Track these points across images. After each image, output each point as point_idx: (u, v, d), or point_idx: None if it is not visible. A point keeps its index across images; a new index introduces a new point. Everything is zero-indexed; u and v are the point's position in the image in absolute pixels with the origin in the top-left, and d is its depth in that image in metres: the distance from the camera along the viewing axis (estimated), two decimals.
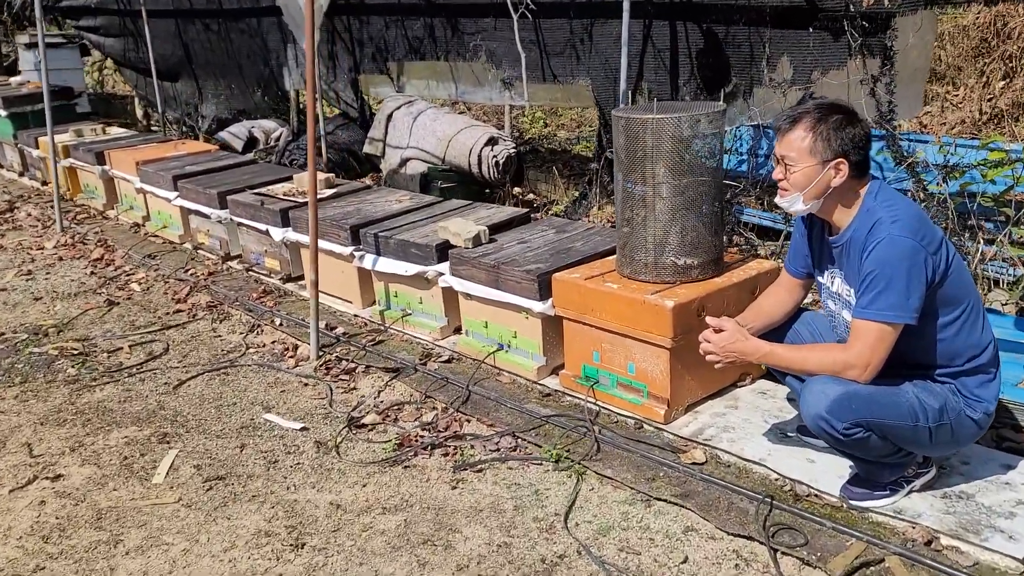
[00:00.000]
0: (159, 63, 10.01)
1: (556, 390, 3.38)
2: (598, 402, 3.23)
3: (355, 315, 4.31)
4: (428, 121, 6.62)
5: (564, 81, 6.10)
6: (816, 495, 2.54)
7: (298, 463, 2.96)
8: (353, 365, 3.72)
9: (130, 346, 4.04)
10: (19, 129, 7.63)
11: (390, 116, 6.83)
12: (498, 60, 6.44)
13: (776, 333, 2.76)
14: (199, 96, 9.77)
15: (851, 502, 2.46)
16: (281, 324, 4.24)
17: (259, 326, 4.26)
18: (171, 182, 5.39)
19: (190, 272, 5.05)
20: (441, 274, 3.76)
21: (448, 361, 3.71)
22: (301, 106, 8.77)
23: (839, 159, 2.34)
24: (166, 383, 3.65)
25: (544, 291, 3.33)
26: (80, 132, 6.93)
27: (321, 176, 4.95)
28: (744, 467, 2.76)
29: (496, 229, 3.97)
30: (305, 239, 4.44)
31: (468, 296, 3.65)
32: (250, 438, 3.16)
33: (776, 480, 2.67)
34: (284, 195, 4.81)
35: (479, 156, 6.33)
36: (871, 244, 2.28)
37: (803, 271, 2.70)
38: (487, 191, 6.61)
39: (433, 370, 3.62)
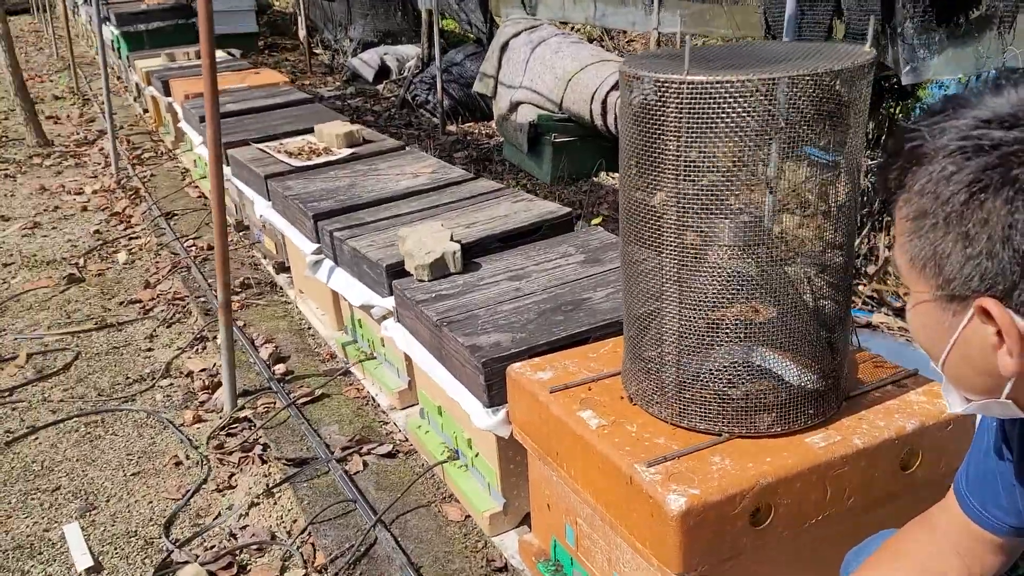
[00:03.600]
0: None
1: (513, 565, 1.89)
2: None
3: (323, 341, 3.01)
4: (548, 53, 5.05)
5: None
6: None
7: None
8: (256, 439, 2.44)
9: (29, 354, 3.04)
10: (132, 50, 7.01)
11: (505, 45, 5.34)
12: None
13: None
14: (348, 16, 8.78)
15: None
16: None
17: (205, 339, 3.09)
18: (198, 122, 4.34)
19: (189, 244, 3.99)
20: (389, 315, 2.33)
21: (389, 455, 2.31)
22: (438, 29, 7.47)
23: (983, 299, 0.70)
24: (7, 431, 2.59)
25: (497, 390, 1.82)
26: (172, 56, 6.12)
27: (340, 128, 3.64)
28: None
29: (507, 240, 2.45)
30: (279, 221, 3.17)
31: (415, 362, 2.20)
32: (8, 574, 1.99)
33: None
34: (289, 153, 3.56)
35: (603, 104, 4.69)
36: None
37: (1001, 522, 1.00)
38: None
39: (354, 473, 2.24)
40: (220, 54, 6.45)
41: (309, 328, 3.14)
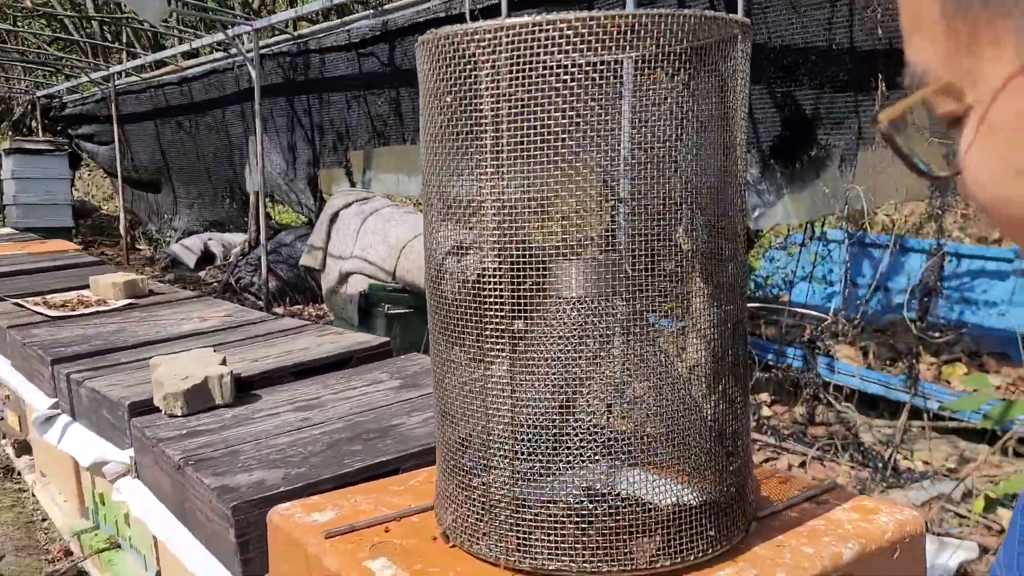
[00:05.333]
0: (140, 172, 8.75)
1: None
2: None
3: (59, 535, 2.26)
4: (381, 223, 4.75)
5: None
6: None
7: None
8: None
9: None
10: None
11: (335, 216, 5.02)
12: None
13: None
14: (174, 207, 8.32)
15: None
16: None
17: None
18: None
19: None
20: (124, 473, 1.69)
21: None
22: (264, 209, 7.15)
23: None
24: None
25: (257, 551, 1.22)
26: None
27: (119, 278, 3.06)
28: None
29: (303, 374, 1.91)
30: (15, 380, 2.48)
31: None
32: None
33: None
34: (50, 305, 2.92)
35: (439, 270, 4.38)
36: None
37: None
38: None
39: None
40: (7, 230, 5.76)
41: (44, 520, 2.37)
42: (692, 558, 0.95)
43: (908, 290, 3.77)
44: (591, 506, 0.93)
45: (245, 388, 1.77)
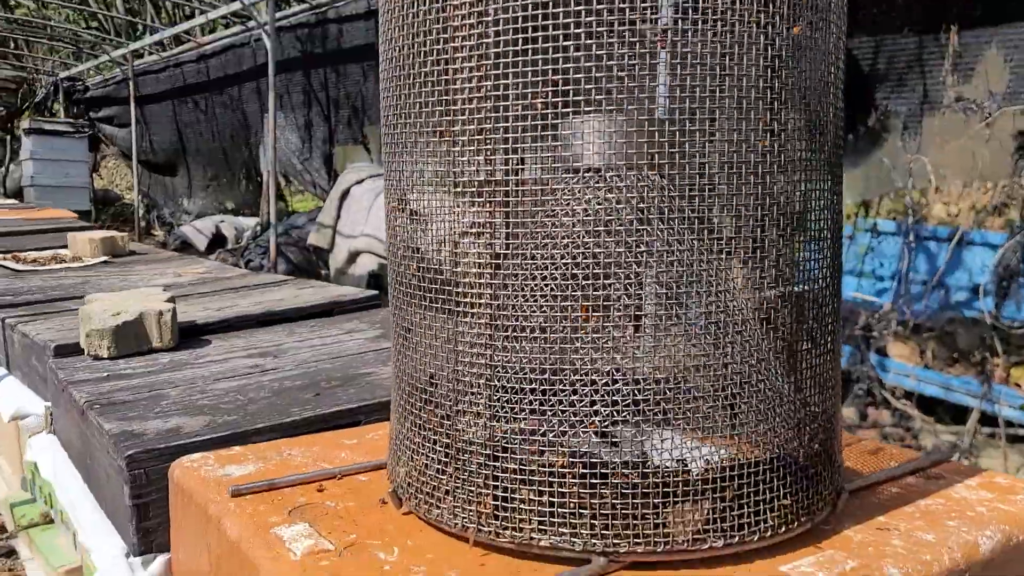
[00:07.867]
0: (158, 155, 8.56)
1: None
2: None
3: None
4: None
5: None
6: None
7: None
8: None
9: None
10: None
11: (346, 192, 4.73)
12: None
13: None
14: (189, 190, 8.12)
15: None
16: None
17: None
18: None
19: None
20: (42, 429, 1.40)
21: None
22: (275, 187, 6.90)
23: None
24: None
25: (159, 516, 0.91)
26: None
27: (97, 235, 2.79)
28: None
29: (272, 324, 1.61)
30: None
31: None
32: None
33: None
34: (20, 260, 2.65)
35: (454, 248, 4.08)
36: None
37: None
38: None
39: None
40: (11, 201, 5.57)
41: None
42: (755, 537, 0.63)
43: (971, 287, 3.42)
44: (605, 454, 0.62)
45: (196, 334, 1.47)
